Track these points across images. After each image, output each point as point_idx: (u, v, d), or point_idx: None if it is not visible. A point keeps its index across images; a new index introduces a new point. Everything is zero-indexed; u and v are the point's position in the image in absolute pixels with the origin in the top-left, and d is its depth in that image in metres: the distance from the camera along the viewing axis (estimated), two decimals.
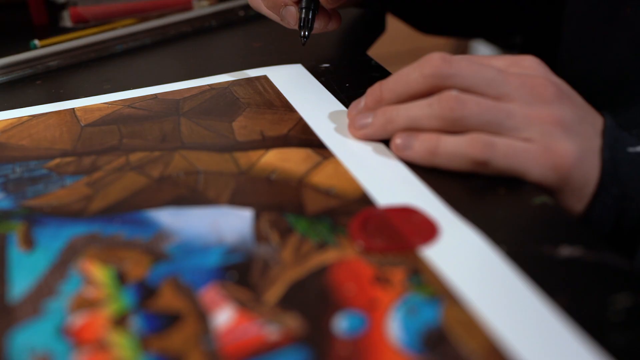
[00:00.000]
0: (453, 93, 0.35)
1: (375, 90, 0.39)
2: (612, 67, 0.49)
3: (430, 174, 0.35)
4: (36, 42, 0.54)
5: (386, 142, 0.38)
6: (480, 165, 0.34)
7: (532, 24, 0.66)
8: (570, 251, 0.29)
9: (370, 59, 0.52)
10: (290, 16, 0.47)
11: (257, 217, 0.32)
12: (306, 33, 0.46)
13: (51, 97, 0.47)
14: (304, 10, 0.46)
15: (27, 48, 0.53)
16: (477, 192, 0.34)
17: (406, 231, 0.30)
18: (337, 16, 0.49)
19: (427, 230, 0.31)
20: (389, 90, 0.38)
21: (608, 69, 0.49)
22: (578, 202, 0.35)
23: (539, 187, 0.34)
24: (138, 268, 0.29)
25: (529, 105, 0.35)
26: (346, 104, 0.44)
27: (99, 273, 0.29)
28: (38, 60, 0.51)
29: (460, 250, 0.29)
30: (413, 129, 0.36)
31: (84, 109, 0.44)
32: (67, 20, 0.61)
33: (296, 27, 0.47)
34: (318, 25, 0.48)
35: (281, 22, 0.48)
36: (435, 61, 0.36)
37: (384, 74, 0.49)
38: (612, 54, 0.48)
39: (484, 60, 0.38)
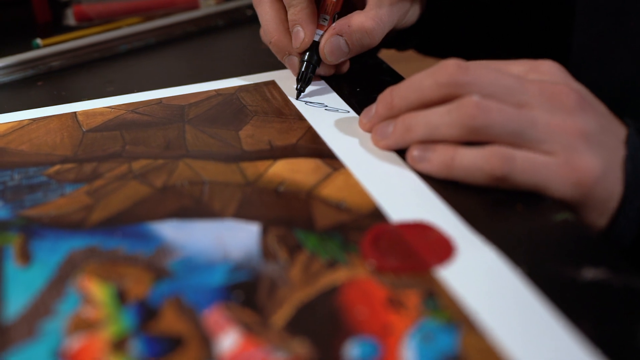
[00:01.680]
0: (474, 99, 0.33)
1: (386, 97, 0.37)
2: (618, 78, 0.47)
3: (446, 186, 0.34)
4: (38, 41, 0.53)
5: (399, 152, 0.36)
6: (499, 180, 0.33)
7: (540, 42, 0.64)
8: (594, 273, 0.28)
9: (382, 62, 0.51)
10: (291, 66, 0.46)
11: (265, 232, 0.31)
12: (303, 87, 0.44)
13: (53, 99, 0.45)
14: (305, 64, 0.44)
15: (29, 46, 0.52)
16: (494, 206, 0.33)
17: (421, 249, 0.29)
18: (344, 63, 0.48)
19: (443, 248, 0.29)
20: (401, 97, 0.37)
21: (615, 81, 0.48)
22: (600, 217, 0.34)
23: (560, 203, 0.33)
24: (139, 286, 0.28)
25: (551, 115, 0.33)
26: (357, 109, 0.42)
27: (98, 291, 0.27)
28: (40, 61, 0.49)
29: (478, 271, 0.28)
30: (432, 138, 0.35)
31: (86, 113, 0.43)
32: (70, 19, 0.60)
33: (295, 76, 0.45)
34: (323, 72, 0.46)
35: None
36: (451, 68, 0.35)
37: (395, 77, 0.48)
38: (619, 65, 0.47)
39: (501, 66, 0.37)
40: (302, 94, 0.44)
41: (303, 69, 0.44)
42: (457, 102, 0.34)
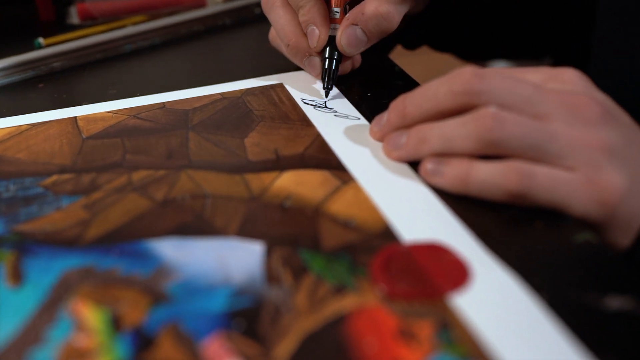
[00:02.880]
0: (491, 110, 0.32)
1: (399, 105, 0.36)
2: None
3: (460, 202, 0.32)
4: (41, 40, 0.51)
5: (412, 164, 0.35)
6: (517, 197, 0.31)
7: (561, 44, 0.62)
8: (619, 302, 0.26)
9: (394, 65, 0.49)
10: (312, 67, 0.45)
11: (269, 252, 0.29)
12: (330, 85, 0.43)
13: (54, 103, 0.44)
14: (327, 61, 0.43)
15: (32, 46, 0.51)
16: (511, 225, 0.31)
17: (434, 274, 0.27)
18: (356, 57, 0.47)
19: (458, 273, 0.27)
20: (414, 105, 0.35)
21: (637, 85, 0.46)
22: (624, 237, 0.32)
23: (581, 221, 0.31)
24: (135, 311, 0.26)
25: (572, 127, 0.32)
26: (368, 116, 0.40)
27: (91, 316, 0.26)
28: (41, 61, 0.48)
29: (495, 298, 0.26)
30: (447, 151, 0.33)
31: (87, 119, 0.41)
32: (74, 17, 0.58)
33: (319, 79, 0.44)
34: (341, 70, 0.45)
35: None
36: (466, 76, 0.33)
37: (408, 82, 0.46)
38: None
39: (519, 74, 0.35)
40: (330, 92, 0.43)
41: (326, 67, 0.43)
42: (473, 113, 0.32)
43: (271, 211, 0.32)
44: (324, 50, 0.44)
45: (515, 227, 0.31)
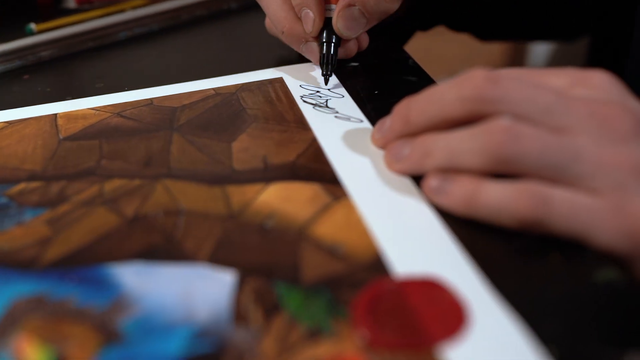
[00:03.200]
0: (504, 122, 0.27)
1: (402, 109, 0.32)
2: None
3: (466, 227, 0.28)
4: (32, 26, 0.48)
5: (417, 178, 0.31)
6: (530, 225, 0.27)
7: (601, 24, 0.56)
8: None
9: (408, 57, 0.44)
10: (310, 53, 0.41)
11: (241, 284, 0.26)
12: (329, 71, 0.40)
13: (37, 97, 0.41)
14: (325, 45, 0.40)
15: (23, 31, 0.48)
16: (523, 256, 0.27)
17: (426, 318, 0.23)
18: (362, 37, 0.43)
19: (453, 317, 0.24)
20: (419, 111, 0.31)
21: None
22: None
23: (606, 255, 0.27)
24: (83, 352, 0.23)
25: (599, 144, 0.27)
26: (372, 119, 0.36)
27: (34, 357, 0.23)
28: (29, 50, 0.45)
29: (493, 353, 0.22)
30: (454, 166, 0.29)
31: (68, 116, 0.38)
32: (70, 1, 0.55)
33: (318, 64, 0.41)
34: (344, 54, 0.42)
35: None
36: (478, 80, 0.29)
37: (422, 78, 0.41)
38: None
39: (540, 77, 0.30)
40: (330, 79, 0.40)
41: (324, 52, 0.40)
42: (484, 125, 0.28)
43: (249, 233, 0.28)
44: (320, 34, 0.40)
45: (527, 260, 0.27)
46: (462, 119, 0.29)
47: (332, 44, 0.40)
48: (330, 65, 0.40)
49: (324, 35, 0.40)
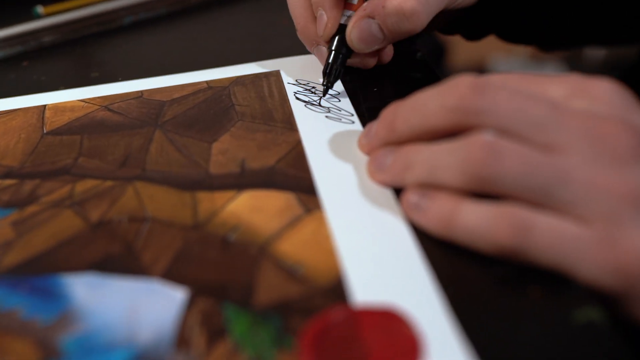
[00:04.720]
0: (485, 137, 0.25)
1: (389, 115, 0.29)
2: None
3: (443, 249, 0.26)
4: (39, 9, 0.48)
5: (398, 191, 0.29)
6: (509, 253, 0.24)
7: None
8: None
9: (417, 50, 0.41)
10: (321, 58, 0.38)
11: (190, 303, 0.24)
12: (329, 83, 0.36)
13: (32, 86, 0.40)
14: (332, 54, 0.36)
15: (30, 14, 0.47)
16: (499, 287, 0.24)
17: (377, 352, 0.22)
18: (386, 51, 0.39)
19: (406, 353, 0.22)
20: (403, 119, 0.28)
21: None
22: None
23: (591, 290, 0.24)
24: None
25: (592, 166, 0.24)
26: (366, 119, 0.34)
27: None
28: (31, 35, 0.44)
29: None
30: (433, 182, 0.27)
31: (56, 108, 0.37)
32: None
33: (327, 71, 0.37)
34: (361, 64, 0.39)
35: None
36: (463, 89, 0.26)
37: (428, 75, 0.38)
38: None
39: (538, 85, 0.27)
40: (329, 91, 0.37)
41: (330, 61, 0.36)
42: (465, 139, 0.25)
43: (210, 247, 0.27)
44: (332, 40, 0.37)
45: (502, 291, 0.24)
46: (447, 129, 0.27)
47: (341, 55, 0.36)
48: (333, 77, 0.36)
49: (334, 42, 0.36)
